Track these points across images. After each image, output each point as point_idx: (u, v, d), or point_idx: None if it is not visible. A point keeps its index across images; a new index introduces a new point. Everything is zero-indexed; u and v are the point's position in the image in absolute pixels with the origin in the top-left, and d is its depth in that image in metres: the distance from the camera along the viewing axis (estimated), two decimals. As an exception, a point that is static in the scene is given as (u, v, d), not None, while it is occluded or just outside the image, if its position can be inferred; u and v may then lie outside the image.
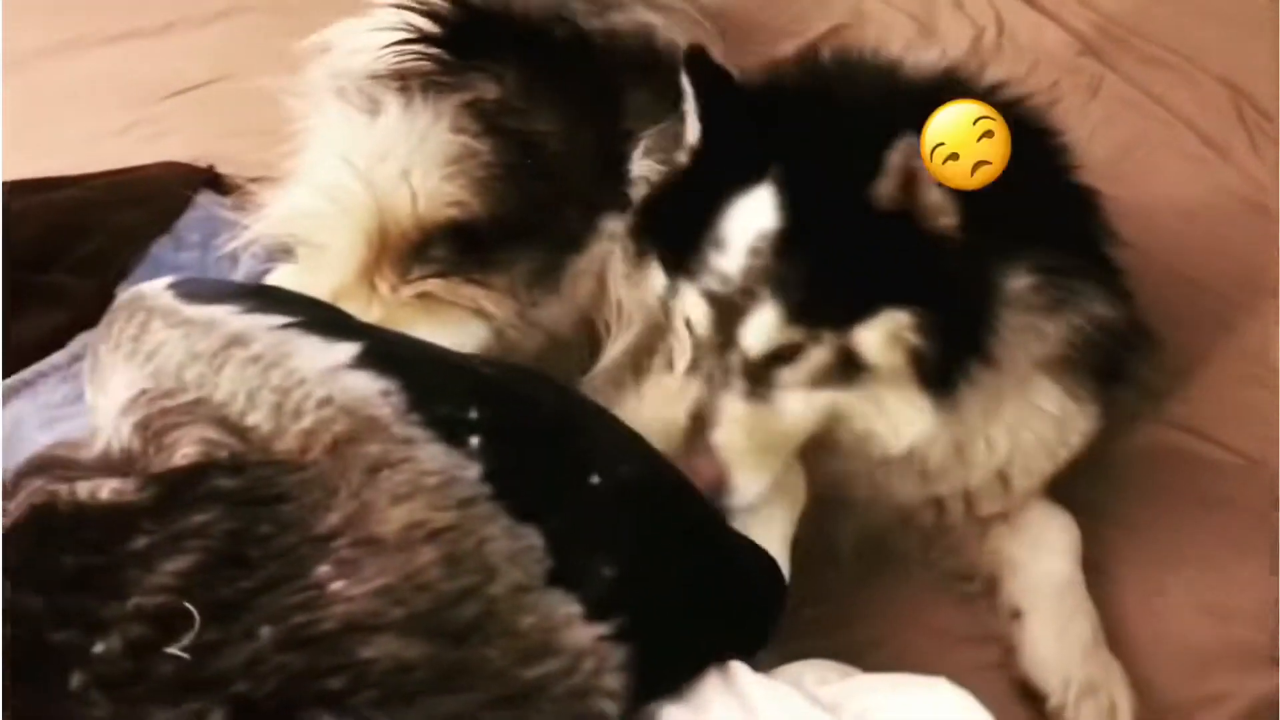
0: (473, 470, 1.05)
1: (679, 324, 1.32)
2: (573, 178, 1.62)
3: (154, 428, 1.13)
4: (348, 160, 1.60)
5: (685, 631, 1.07)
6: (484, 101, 1.64)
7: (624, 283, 1.60)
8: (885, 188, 1.19)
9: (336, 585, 0.98)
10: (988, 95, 1.32)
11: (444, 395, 1.12)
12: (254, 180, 1.84)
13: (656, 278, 1.36)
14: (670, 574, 1.07)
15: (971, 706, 1.02)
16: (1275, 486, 1.51)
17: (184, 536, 1.01)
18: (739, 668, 1.06)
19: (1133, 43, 2.13)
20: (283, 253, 1.66)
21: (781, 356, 1.24)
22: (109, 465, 1.16)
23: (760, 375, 1.25)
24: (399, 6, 1.74)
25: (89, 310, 1.62)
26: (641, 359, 1.53)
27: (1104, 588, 1.42)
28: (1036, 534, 1.42)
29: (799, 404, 1.26)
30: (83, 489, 1.08)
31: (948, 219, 1.21)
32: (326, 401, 1.10)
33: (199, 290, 1.28)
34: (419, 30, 1.71)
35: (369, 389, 1.10)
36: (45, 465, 1.18)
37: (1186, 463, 1.55)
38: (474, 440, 1.07)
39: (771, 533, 1.24)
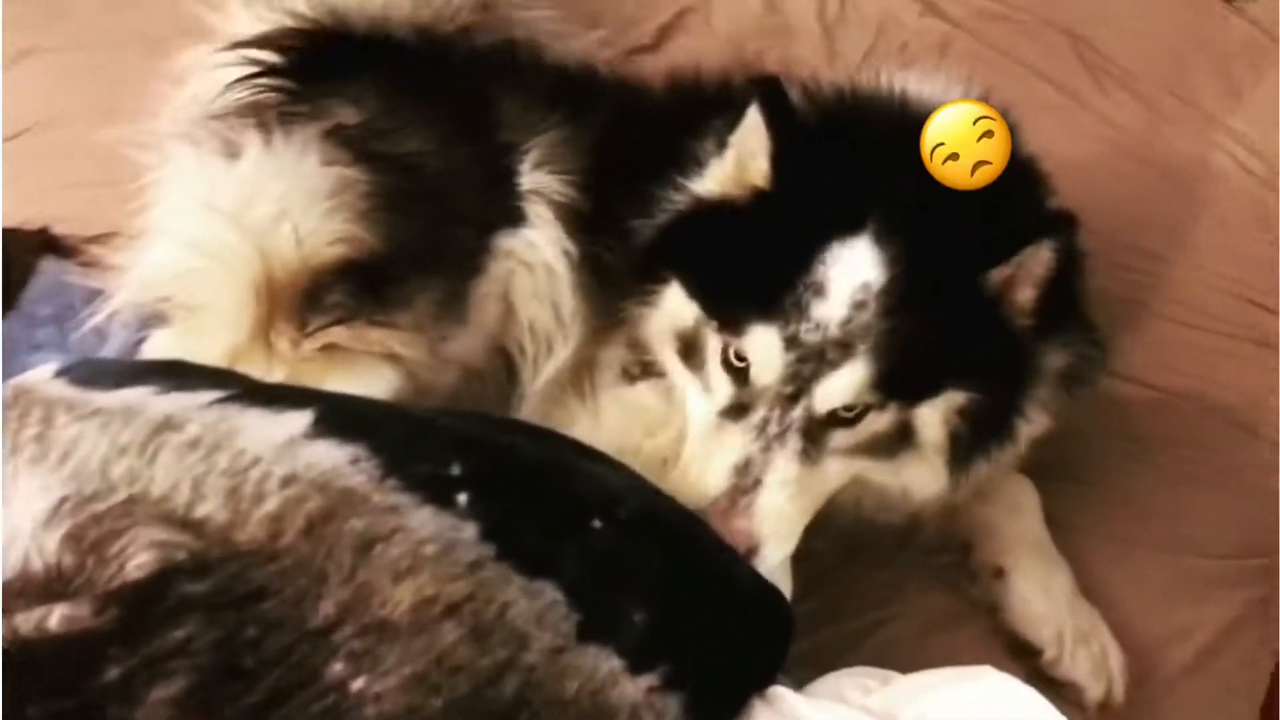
0: (469, 530, 0.97)
1: (712, 359, 1.24)
2: (459, 197, 1.53)
3: (90, 539, 1.00)
4: (213, 208, 1.46)
5: (725, 667, 1.01)
6: (346, 128, 1.52)
7: (534, 301, 1.52)
8: (1001, 276, 1.17)
9: (358, 684, 0.89)
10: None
11: (419, 453, 1.03)
12: (94, 240, 1.68)
13: (681, 306, 1.27)
14: (698, 609, 1.01)
15: (1023, 691, 1.01)
16: (1198, 420, 1.59)
17: (165, 658, 0.90)
18: (782, 692, 1.01)
19: (971, 1, 2.16)
20: (156, 319, 1.50)
21: (842, 419, 1.19)
22: (32, 589, 1.02)
23: (816, 435, 1.18)
24: (237, 45, 1.61)
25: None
26: (580, 374, 1.46)
27: (1062, 538, 1.44)
28: (1005, 496, 1.43)
29: (838, 469, 1.22)
30: (23, 623, 0.95)
31: (1026, 319, 1.20)
32: (290, 480, 0.99)
33: (99, 373, 1.14)
34: (261, 62, 1.58)
35: (335, 458, 1.01)
36: (-56, 602, 1.03)
37: (1118, 407, 1.58)
38: (462, 498, 0.99)
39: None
